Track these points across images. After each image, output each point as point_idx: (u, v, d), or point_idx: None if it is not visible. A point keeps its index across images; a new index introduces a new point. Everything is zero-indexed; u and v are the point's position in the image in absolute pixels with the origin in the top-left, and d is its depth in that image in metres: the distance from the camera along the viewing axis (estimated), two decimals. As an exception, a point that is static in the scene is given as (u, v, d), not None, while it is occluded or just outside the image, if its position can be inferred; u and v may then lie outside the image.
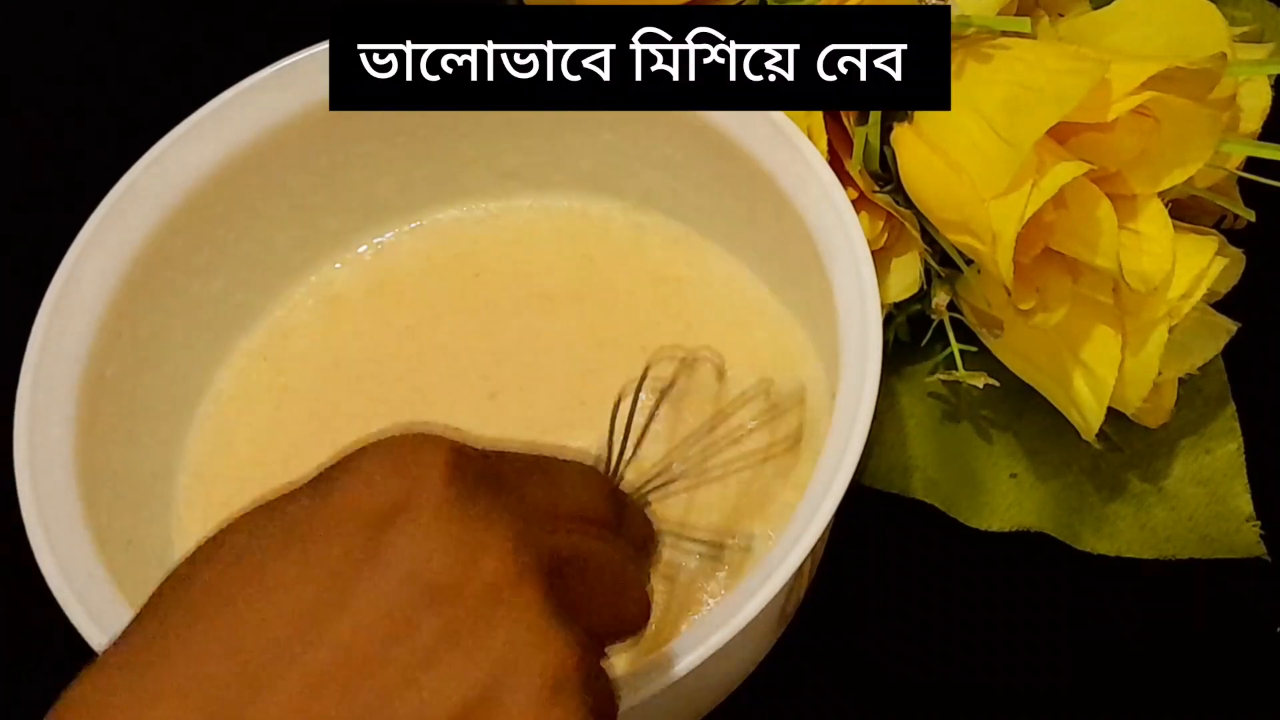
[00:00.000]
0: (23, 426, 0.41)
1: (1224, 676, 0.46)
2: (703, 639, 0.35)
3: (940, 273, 0.46)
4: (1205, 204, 0.45)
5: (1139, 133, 0.41)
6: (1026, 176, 0.39)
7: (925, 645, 0.46)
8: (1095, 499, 0.47)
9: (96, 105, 0.60)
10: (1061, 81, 0.40)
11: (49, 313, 0.42)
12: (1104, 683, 0.45)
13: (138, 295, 0.44)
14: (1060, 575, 0.47)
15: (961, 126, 0.42)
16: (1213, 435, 0.48)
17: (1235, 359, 0.47)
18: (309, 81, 0.46)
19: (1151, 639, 0.46)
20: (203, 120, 0.45)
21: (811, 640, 0.44)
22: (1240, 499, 0.47)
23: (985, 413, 0.49)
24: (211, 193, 0.46)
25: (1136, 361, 0.42)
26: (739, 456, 0.44)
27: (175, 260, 0.46)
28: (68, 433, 0.41)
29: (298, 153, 0.47)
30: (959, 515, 0.47)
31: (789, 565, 0.36)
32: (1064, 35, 0.45)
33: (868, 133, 0.44)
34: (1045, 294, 0.42)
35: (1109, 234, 0.40)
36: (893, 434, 0.49)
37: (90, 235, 0.44)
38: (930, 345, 0.48)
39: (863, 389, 0.39)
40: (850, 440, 0.38)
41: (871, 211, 0.45)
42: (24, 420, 0.41)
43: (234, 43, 0.60)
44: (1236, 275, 0.44)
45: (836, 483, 0.37)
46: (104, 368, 0.43)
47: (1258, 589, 0.46)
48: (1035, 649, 0.46)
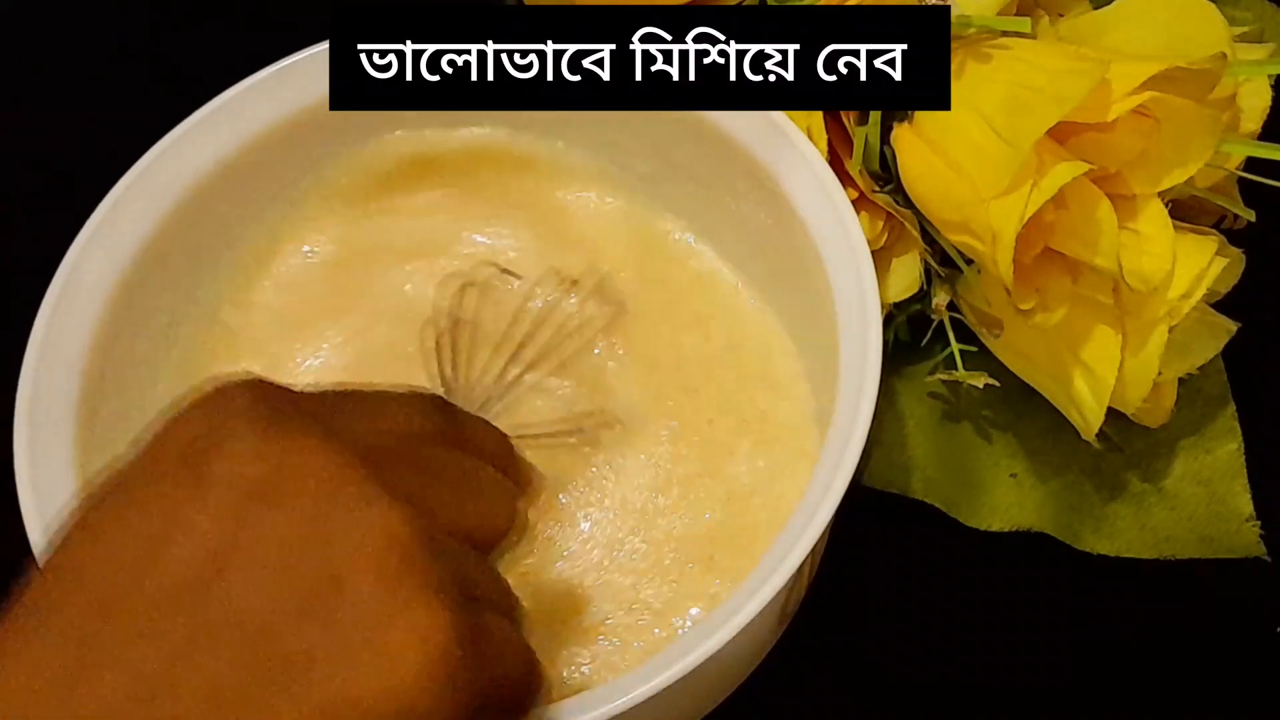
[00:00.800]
0: (23, 426, 0.41)
1: (1224, 676, 0.46)
2: (703, 639, 0.35)
3: (940, 273, 0.46)
4: (1205, 204, 0.45)
5: (1139, 133, 0.41)
6: (1026, 176, 0.39)
7: (925, 645, 0.46)
8: (1095, 499, 0.47)
9: (96, 105, 0.60)
10: (1061, 81, 0.40)
11: (49, 313, 0.42)
12: (1104, 683, 0.45)
13: (138, 295, 0.44)
14: (1060, 575, 0.47)
15: (961, 126, 0.42)
16: (1213, 435, 0.48)
17: (1235, 359, 0.47)
18: (309, 81, 0.46)
19: (1151, 639, 0.46)
20: (203, 120, 0.45)
21: (811, 640, 0.44)
22: (1240, 499, 0.47)
23: (985, 413, 0.49)
24: (212, 192, 0.46)
25: (1136, 361, 0.42)
26: (564, 341, 0.46)
27: (175, 260, 0.46)
28: (68, 433, 0.41)
29: (298, 152, 0.47)
30: (959, 515, 0.47)
31: (789, 565, 0.36)
32: (1064, 35, 0.45)
33: (868, 133, 0.44)
34: (1045, 294, 0.42)
35: (1109, 234, 0.40)
36: (893, 434, 0.49)
37: (90, 235, 0.44)
38: (930, 345, 0.48)
39: (863, 389, 0.39)
40: (850, 440, 0.38)
41: (871, 211, 0.45)
42: (24, 420, 0.41)
43: (234, 43, 0.60)
44: (1236, 275, 0.44)
45: (836, 483, 0.37)
46: (104, 368, 0.43)
47: (1258, 589, 0.46)
48: (1035, 649, 0.46)
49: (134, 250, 0.44)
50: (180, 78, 0.57)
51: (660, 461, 0.45)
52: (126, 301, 0.44)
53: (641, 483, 0.44)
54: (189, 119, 0.45)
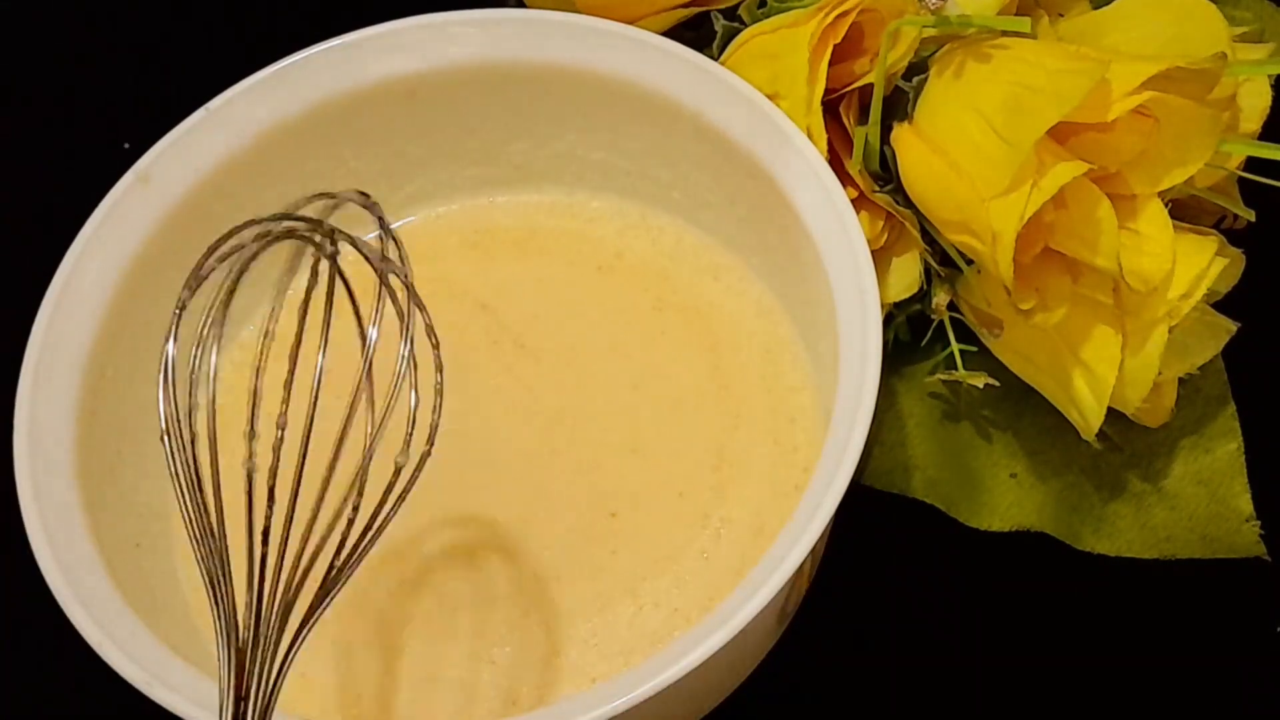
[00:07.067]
0: (23, 426, 0.41)
1: (1224, 676, 0.46)
2: (703, 639, 0.35)
3: (940, 273, 0.46)
4: (1205, 204, 0.45)
5: (1139, 133, 0.41)
6: (1026, 176, 0.39)
7: (925, 645, 0.46)
8: (1095, 499, 0.47)
9: (97, 105, 0.60)
10: (1061, 81, 0.40)
11: (49, 313, 0.42)
12: (1104, 682, 0.45)
13: (138, 295, 0.44)
14: (1060, 575, 0.47)
15: (961, 126, 0.42)
16: (1213, 435, 0.48)
17: (1235, 359, 0.47)
18: (309, 81, 0.46)
19: (1151, 639, 0.46)
20: (203, 120, 0.45)
21: (811, 640, 0.44)
22: (1240, 499, 0.47)
23: (985, 413, 0.49)
24: (212, 192, 0.46)
25: (1136, 361, 0.42)
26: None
27: (176, 260, 0.45)
28: (68, 433, 0.41)
29: (298, 152, 0.47)
30: (959, 515, 0.47)
31: (789, 565, 0.36)
32: (1064, 35, 0.45)
33: (868, 133, 0.44)
34: (1045, 294, 0.42)
35: (1109, 234, 0.40)
36: (893, 434, 0.49)
37: (90, 235, 0.44)
38: (930, 345, 0.48)
39: (863, 389, 0.39)
40: (850, 440, 0.38)
41: (871, 211, 0.45)
42: (24, 420, 0.41)
43: (234, 43, 0.60)
44: (1236, 275, 0.44)
45: (836, 483, 0.37)
46: (104, 368, 0.43)
47: (1258, 589, 0.46)
48: (1035, 649, 0.46)
49: (134, 251, 0.44)
50: (180, 78, 0.58)
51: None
52: (127, 302, 0.44)
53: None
54: (189, 119, 0.45)
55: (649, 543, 0.44)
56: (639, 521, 0.44)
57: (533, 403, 0.47)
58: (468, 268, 0.50)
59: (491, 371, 0.47)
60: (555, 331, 0.48)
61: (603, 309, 0.48)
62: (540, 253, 0.50)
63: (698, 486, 0.45)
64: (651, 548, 0.44)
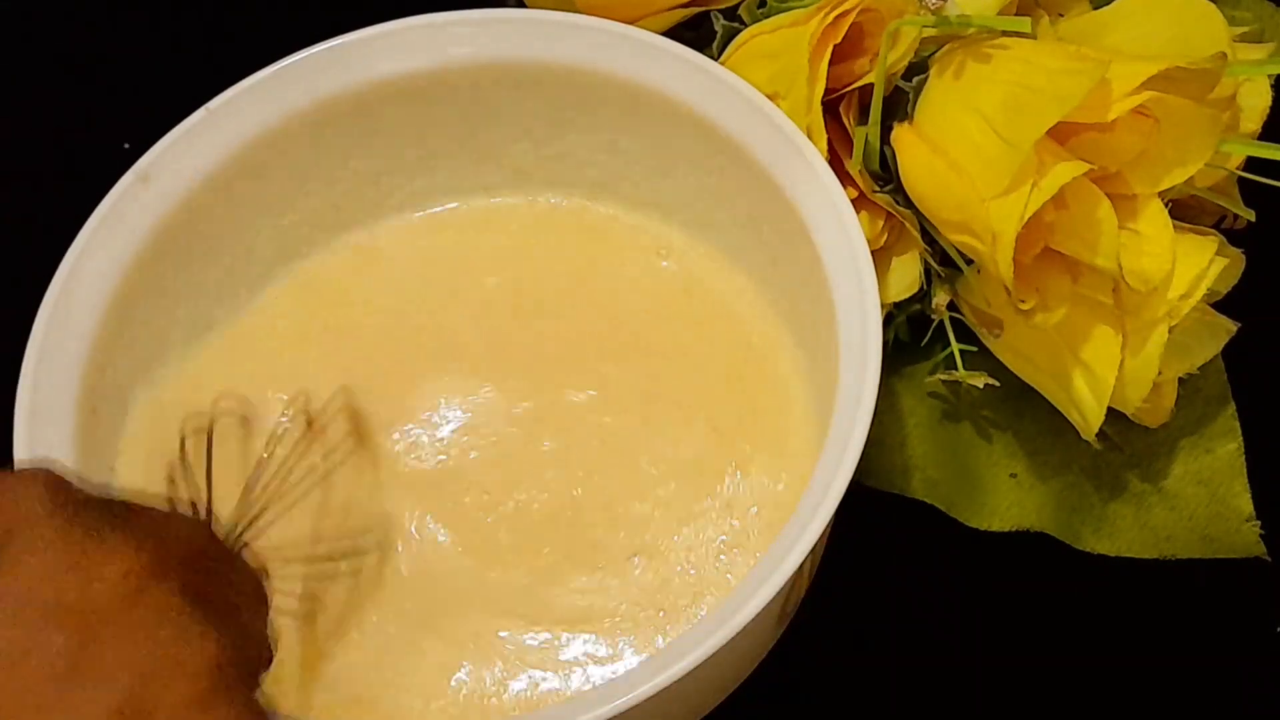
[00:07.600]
0: (23, 426, 0.41)
1: (1224, 676, 0.46)
2: (703, 639, 0.35)
3: (940, 273, 0.46)
4: (1205, 204, 0.45)
5: (1139, 133, 0.41)
6: (1026, 176, 0.39)
7: (925, 645, 0.46)
8: (1095, 499, 0.47)
9: (96, 105, 0.60)
10: (1061, 81, 0.40)
11: (49, 313, 0.42)
12: (1104, 682, 0.45)
13: (138, 295, 0.44)
14: (1060, 575, 0.47)
15: (961, 126, 0.42)
16: (1213, 435, 0.48)
17: (1235, 359, 0.47)
18: (309, 81, 0.46)
19: (1151, 639, 0.46)
20: (203, 120, 0.45)
21: (811, 640, 0.44)
22: (1240, 499, 0.47)
23: (985, 413, 0.49)
24: (212, 192, 0.46)
25: (1136, 361, 0.42)
26: (308, 465, 0.44)
27: (176, 260, 0.46)
28: (68, 433, 0.41)
29: (298, 152, 0.47)
30: (959, 515, 0.47)
31: (789, 565, 0.36)
32: (1064, 35, 0.45)
33: (868, 133, 0.44)
34: (1045, 294, 0.42)
35: (1109, 234, 0.40)
36: (893, 434, 0.49)
37: (90, 235, 0.44)
38: (930, 345, 0.48)
39: (863, 389, 0.39)
40: (850, 440, 0.38)
41: (871, 211, 0.45)
42: (24, 420, 0.41)
43: (234, 43, 0.60)
44: (1236, 275, 0.44)
45: (836, 483, 0.37)
46: (104, 368, 0.43)
47: (1258, 589, 0.46)
48: (1035, 649, 0.46)
49: (134, 250, 0.44)
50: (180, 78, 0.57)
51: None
52: (127, 302, 0.44)
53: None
54: (189, 118, 0.45)
55: (648, 542, 0.44)
56: (638, 521, 0.44)
57: (529, 404, 0.47)
58: (467, 268, 0.50)
59: (490, 373, 0.47)
60: (553, 332, 0.48)
61: (602, 309, 0.48)
62: (540, 253, 0.50)
63: (697, 486, 0.45)
64: (650, 547, 0.44)
